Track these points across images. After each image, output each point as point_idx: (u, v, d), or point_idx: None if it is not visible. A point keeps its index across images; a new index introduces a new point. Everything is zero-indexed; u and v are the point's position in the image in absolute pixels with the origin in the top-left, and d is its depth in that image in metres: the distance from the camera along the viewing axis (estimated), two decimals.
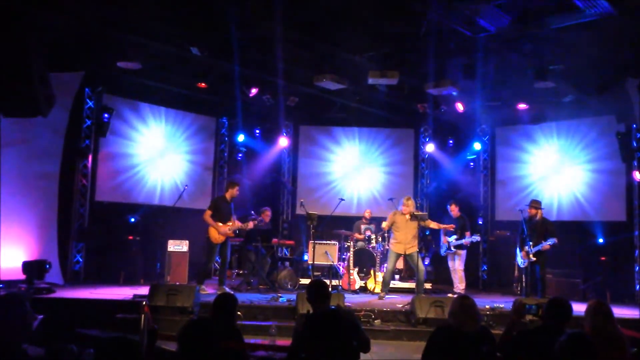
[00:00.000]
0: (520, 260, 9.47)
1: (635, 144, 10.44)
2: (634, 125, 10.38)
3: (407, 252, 9.30)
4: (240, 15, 7.92)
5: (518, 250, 9.52)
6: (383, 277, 9.64)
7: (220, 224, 9.10)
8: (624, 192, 10.76)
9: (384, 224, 9.60)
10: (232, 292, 9.13)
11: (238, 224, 9.36)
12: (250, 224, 9.52)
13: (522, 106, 11.26)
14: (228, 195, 9.36)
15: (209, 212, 9.14)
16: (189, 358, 2.67)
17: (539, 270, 9.25)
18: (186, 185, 10.43)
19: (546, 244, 9.03)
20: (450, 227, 9.83)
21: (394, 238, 9.46)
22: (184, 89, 11.25)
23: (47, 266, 8.71)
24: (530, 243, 9.14)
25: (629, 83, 9.59)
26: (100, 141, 10.82)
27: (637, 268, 10.40)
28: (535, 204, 9.52)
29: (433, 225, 9.77)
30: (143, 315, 5.17)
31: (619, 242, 10.67)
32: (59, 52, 8.82)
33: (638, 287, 10.33)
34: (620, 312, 8.14)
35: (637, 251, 10.45)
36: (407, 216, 9.32)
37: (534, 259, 9.14)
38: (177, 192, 10.28)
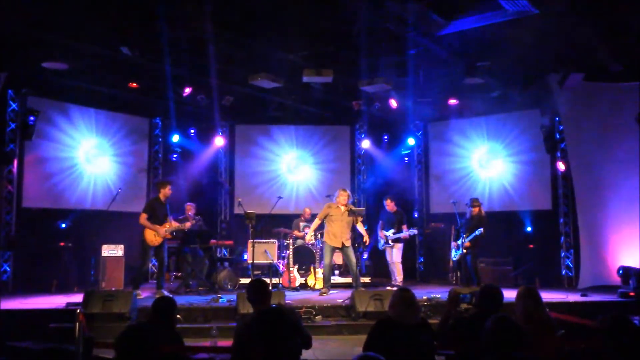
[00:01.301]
0: (453, 252, 9.93)
1: (558, 136, 10.99)
2: (557, 118, 10.91)
3: (344, 245, 9.33)
4: (171, 14, 7.78)
5: (452, 242, 9.98)
6: (323, 274, 9.70)
7: (158, 226, 8.92)
8: (549, 182, 11.31)
9: (318, 216, 9.63)
10: (170, 296, 9.04)
11: (175, 224, 9.21)
12: (188, 224, 9.39)
13: (452, 101, 11.62)
14: (162, 196, 9.20)
15: (144, 215, 8.95)
16: None
17: (470, 261, 9.64)
18: (120, 189, 10.18)
19: (476, 233, 9.51)
20: (365, 242, 9.77)
21: (328, 231, 9.48)
22: (115, 89, 10.92)
23: None
24: (464, 235, 9.52)
25: (551, 78, 10.08)
26: (26, 145, 10.35)
27: (563, 254, 10.95)
28: (477, 202, 9.97)
29: (360, 226, 9.73)
30: (77, 324, 5.02)
31: (545, 230, 11.21)
32: None
33: (564, 272, 10.87)
34: (548, 296, 8.54)
35: (562, 238, 11.00)
36: (342, 208, 9.38)
37: (465, 251, 9.58)
38: (111, 196, 10.02)
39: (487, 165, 12.12)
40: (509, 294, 4.83)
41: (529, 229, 11.31)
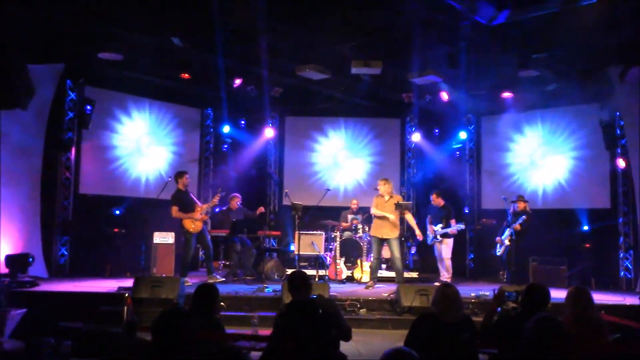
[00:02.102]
0: (498, 248, 9.85)
1: (618, 132, 10.51)
2: (617, 113, 10.44)
3: (385, 237, 9.25)
4: (223, 6, 7.84)
5: (497, 238, 10.06)
6: (370, 265, 9.64)
7: (191, 213, 9.25)
8: (608, 179, 10.84)
9: (373, 210, 9.57)
10: (221, 279, 9.26)
11: (206, 205, 9.56)
12: (215, 199, 9.63)
13: (506, 94, 11.30)
14: (181, 186, 9.48)
15: (175, 208, 9.23)
16: (161, 348, 2.65)
17: (506, 253, 9.68)
18: (170, 177, 10.35)
19: (516, 224, 9.53)
20: (418, 236, 9.73)
21: (373, 222, 9.44)
22: (168, 80, 11.14)
23: (30, 259, 8.62)
24: (507, 230, 9.59)
25: (611, 71, 9.64)
26: (83, 133, 10.72)
27: (621, 255, 10.50)
28: (522, 197, 9.96)
29: (410, 219, 9.66)
30: (125, 307, 5.16)
31: (603, 229, 10.75)
32: (39, 43, 8.71)
33: (622, 273, 10.43)
34: (605, 298, 8.25)
35: (621, 238, 10.55)
36: (386, 197, 9.30)
37: (508, 243, 9.58)
38: (162, 184, 10.23)
39: (541, 161, 11.72)
40: (562, 294, 4.65)
41: (585, 227, 10.88)
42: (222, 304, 6.51)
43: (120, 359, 3.73)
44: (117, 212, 10.89)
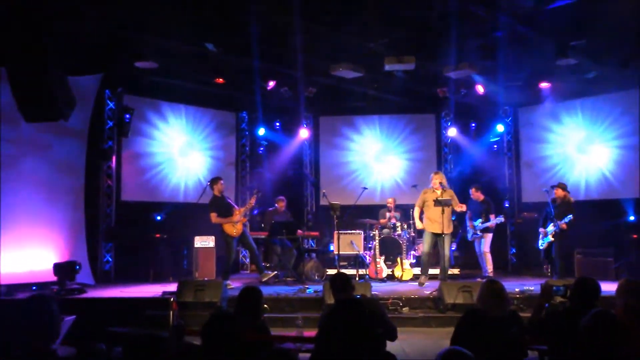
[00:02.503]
0: (540, 241, 9.56)
1: None
2: None
3: (443, 232, 9.00)
4: (255, 8, 7.89)
5: (540, 229, 9.74)
6: (421, 260, 9.48)
7: (230, 217, 9.35)
8: None
9: (416, 204, 9.43)
10: (273, 274, 9.35)
11: (243, 208, 9.70)
12: (252, 200, 9.75)
13: (544, 85, 11.08)
14: (217, 192, 9.60)
15: (214, 214, 9.36)
16: (212, 352, 2.68)
17: (555, 250, 9.37)
18: (209, 181, 10.50)
19: (562, 223, 9.20)
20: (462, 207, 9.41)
21: (426, 217, 9.24)
22: (202, 85, 11.30)
23: (77, 267, 8.85)
24: (550, 224, 9.35)
25: None
26: (123, 141, 10.95)
27: None
28: (561, 184, 9.64)
29: (457, 208, 9.40)
30: (171, 312, 5.23)
31: None
32: (77, 55, 8.91)
33: None
34: None
35: None
36: (439, 192, 9.14)
37: (552, 239, 9.34)
38: (201, 189, 10.37)
39: (583, 151, 11.44)
40: (609, 287, 4.54)
41: (631, 218, 10.57)
42: (265, 306, 6.54)
43: None
44: (158, 217, 11.09)
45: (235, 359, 2.69)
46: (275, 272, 9.73)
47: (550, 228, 9.45)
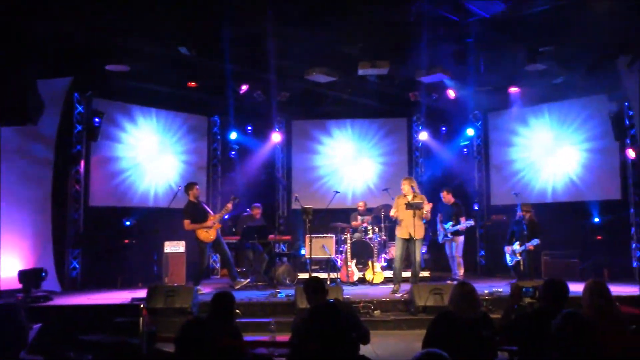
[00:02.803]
0: (508, 257, 9.75)
1: (627, 122, 10.45)
2: (626, 104, 10.38)
3: (412, 237, 8.81)
4: (229, 13, 7.85)
5: (505, 247, 9.96)
6: (393, 267, 9.33)
7: (204, 222, 9.23)
8: (618, 170, 10.78)
9: (392, 212, 9.36)
10: (229, 291, 9.20)
11: (218, 214, 9.55)
12: (229, 206, 9.58)
13: (513, 90, 11.26)
14: (192, 197, 9.46)
15: (187, 222, 9.22)
16: (186, 358, 2.65)
17: (526, 262, 9.64)
18: (180, 186, 10.39)
19: (530, 245, 9.48)
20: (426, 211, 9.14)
21: (398, 223, 9.18)
22: (174, 89, 11.17)
23: (43, 274, 8.64)
24: (517, 242, 9.66)
25: (619, 61, 9.59)
26: (92, 146, 10.76)
27: (634, 245, 10.43)
28: (526, 206, 9.87)
29: (426, 210, 9.08)
30: (141, 318, 5.15)
31: (614, 221, 10.68)
32: (47, 58, 8.75)
33: (635, 264, 10.36)
34: (618, 289, 8.17)
35: (633, 229, 10.47)
36: (410, 197, 9.01)
37: (519, 258, 9.63)
38: (172, 194, 10.27)
39: (550, 154, 11.67)
40: (576, 288, 4.62)
41: (596, 219, 10.82)
42: (237, 311, 6.51)
43: None
44: (128, 223, 10.92)
45: None
46: (248, 279, 9.65)
47: (517, 247, 9.61)
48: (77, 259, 10.40)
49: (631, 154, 10.39)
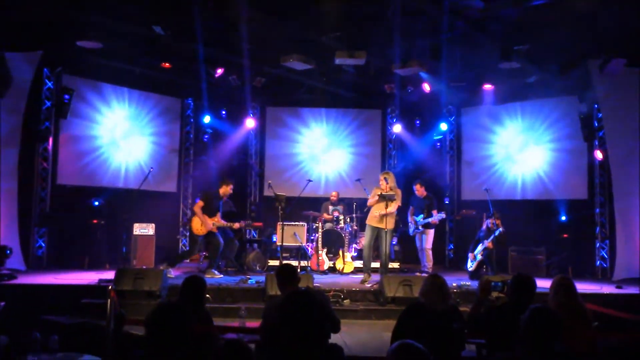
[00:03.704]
0: (469, 263, 10.01)
1: (596, 124, 10.68)
2: (596, 106, 10.60)
3: (381, 226, 8.90)
4: None
5: (469, 253, 10.07)
6: (363, 255, 9.42)
7: (208, 218, 9.14)
8: (586, 170, 11.01)
9: (369, 200, 9.39)
10: (201, 275, 9.13)
11: (223, 222, 9.38)
12: (235, 225, 9.54)
13: (487, 87, 11.38)
14: (221, 192, 9.42)
15: (200, 204, 9.15)
16: (156, 342, 2.61)
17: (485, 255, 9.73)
18: (151, 168, 10.29)
19: (488, 242, 9.56)
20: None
21: (371, 212, 9.21)
22: (148, 69, 10.99)
23: (8, 252, 8.44)
24: (479, 245, 9.80)
25: (591, 63, 9.76)
26: (61, 123, 10.51)
27: (598, 244, 10.70)
28: (498, 214, 9.85)
29: (393, 207, 9.02)
30: (109, 300, 5.09)
31: (580, 220, 10.93)
32: (16, 30, 8.50)
33: (598, 262, 10.63)
34: (581, 287, 8.32)
35: (597, 228, 10.74)
36: (385, 191, 9.11)
37: (480, 258, 9.73)
38: (142, 175, 10.15)
39: (521, 152, 11.85)
40: (541, 284, 4.72)
41: (563, 218, 11.04)
42: (207, 296, 6.47)
43: (113, 354, 3.68)
44: (96, 203, 10.73)
45: (180, 349, 2.63)
46: (221, 275, 9.49)
47: (479, 249, 9.75)
48: (43, 237, 10.19)
49: (599, 155, 10.63)
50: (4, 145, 9.50)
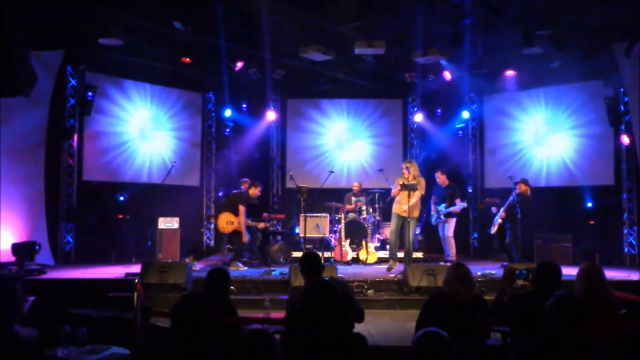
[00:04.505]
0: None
1: (622, 108, 10.47)
2: (622, 89, 10.38)
3: (405, 215, 8.96)
4: None
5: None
6: (389, 241, 9.51)
7: (249, 221, 9.57)
8: (612, 156, 10.81)
9: (393, 190, 9.46)
10: (225, 268, 9.24)
11: (249, 221, 9.60)
12: (261, 225, 9.78)
13: (509, 73, 11.22)
14: (250, 193, 9.64)
15: (243, 209, 9.35)
16: (182, 333, 2.65)
17: (508, 236, 9.67)
18: (174, 162, 10.38)
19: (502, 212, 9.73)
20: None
21: (396, 200, 9.28)
22: (169, 64, 11.09)
23: (37, 247, 8.63)
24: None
25: (616, 47, 9.57)
26: (85, 120, 10.67)
27: (625, 231, 10.53)
28: (524, 180, 9.83)
29: (415, 197, 9.14)
30: (136, 293, 5.16)
31: (607, 206, 10.76)
32: (38, 29, 8.60)
33: (626, 249, 10.46)
34: (609, 274, 8.20)
35: (625, 214, 10.57)
36: (410, 178, 9.12)
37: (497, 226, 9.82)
38: (166, 170, 10.25)
39: (545, 139, 11.68)
40: (567, 271, 4.67)
41: (589, 204, 10.87)
42: (232, 288, 6.53)
43: (140, 345, 3.74)
44: (121, 198, 10.91)
45: (205, 340, 2.67)
46: (246, 268, 9.57)
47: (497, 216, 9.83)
48: (70, 233, 10.38)
49: (625, 140, 10.43)
50: (31, 143, 9.68)
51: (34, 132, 9.73)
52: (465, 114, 12.63)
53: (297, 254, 10.24)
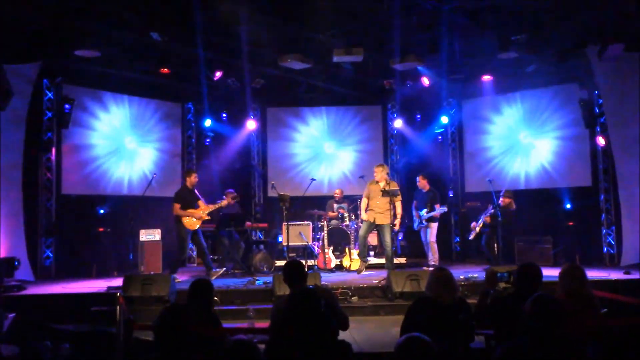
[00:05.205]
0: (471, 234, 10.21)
1: (597, 110, 10.65)
2: (596, 92, 10.57)
3: (377, 222, 9.24)
4: None
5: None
6: (358, 246, 9.63)
7: (193, 211, 9.06)
8: (589, 157, 10.99)
9: (363, 194, 9.56)
10: (207, 278, 9.12)
11: (211, 206, 9.28)
12: (224, 202, 9.44)
13: (486, 78, 11.36)
14: (188, 184, 9.27)
15: (177, 205, 9.02)
16: (165, 346, 2.63)
17: (484, 239, 9.92)
18: (155, 174, 10.29)
19: (486, 216, 9.85)
20: (394, 225, 9.31)
21: (369, 208, 9.42)
22: (147, 75, 11.02)
23: (16, 263, 8.49)
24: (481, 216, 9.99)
25: (589, 50, 9.74)
26: (63, 133, 10.54)
27: (604, 231, 10.68)
28: (508, 193, 10.03)
29: (397, 206, 9.37)
30: (118, 307, 5.10)
31: (585, 207, 10.91)
32: (13, 42, 8.53)
33: (605, 249, 10.61)
34: (589, 274, 8.23)
35: (603, 215, 10.72)
36: (382, 184, 9.27)
37: (477, 231, 10.01)
38: (146, 181, 10.19)
39: (523, 141, 11.83)
40: (548, 273, 4.72)
41: (568, 206, 11.03)
42: (215, 298, 6.48)
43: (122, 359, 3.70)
44: (101, 211, 10.79)
45: (188, 351, 2.66)
46: (224, 268, 9.57)
47: (480, 221, 9.98)
48: (50, 247, 10.23)
49: (601, 141, 10.61)
50: (7, 157, 9.54)
51: (10, 146, 9.59)
52: (444, 119, 12.74)
53: (281, 263, 10.20)
